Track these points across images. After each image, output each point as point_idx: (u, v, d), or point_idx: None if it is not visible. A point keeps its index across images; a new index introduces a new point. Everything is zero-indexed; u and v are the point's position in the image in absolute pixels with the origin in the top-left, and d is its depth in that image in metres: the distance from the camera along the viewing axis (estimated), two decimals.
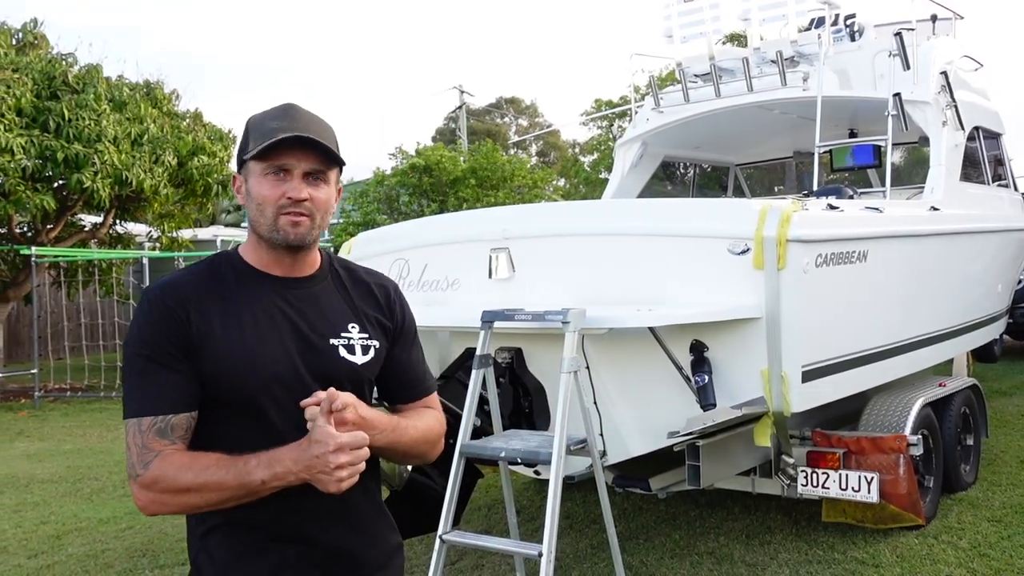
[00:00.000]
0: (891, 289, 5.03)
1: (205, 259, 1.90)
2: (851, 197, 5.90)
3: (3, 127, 11.32)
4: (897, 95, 5.87)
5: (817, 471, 4.73)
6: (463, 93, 34.67)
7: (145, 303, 1.77)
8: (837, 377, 4.40)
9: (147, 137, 12.79)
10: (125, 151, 12.31)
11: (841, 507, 4.94)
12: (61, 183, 12.62)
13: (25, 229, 13.89)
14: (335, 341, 1.84)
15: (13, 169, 11.39)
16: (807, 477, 4.74)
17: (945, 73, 6.37)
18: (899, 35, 6.12)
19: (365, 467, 1.88)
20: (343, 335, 1.86)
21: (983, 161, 7.10)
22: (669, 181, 8.76)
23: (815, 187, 6.11)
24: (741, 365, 4.05)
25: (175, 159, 13.07)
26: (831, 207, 4.57)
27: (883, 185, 6.50)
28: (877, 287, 4.80)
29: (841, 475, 4.68)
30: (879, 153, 6.31)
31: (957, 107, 6.41)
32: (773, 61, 6.62)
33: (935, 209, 5.66)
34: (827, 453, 4.77)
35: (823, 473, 4.72)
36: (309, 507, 1.79)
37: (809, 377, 4.13)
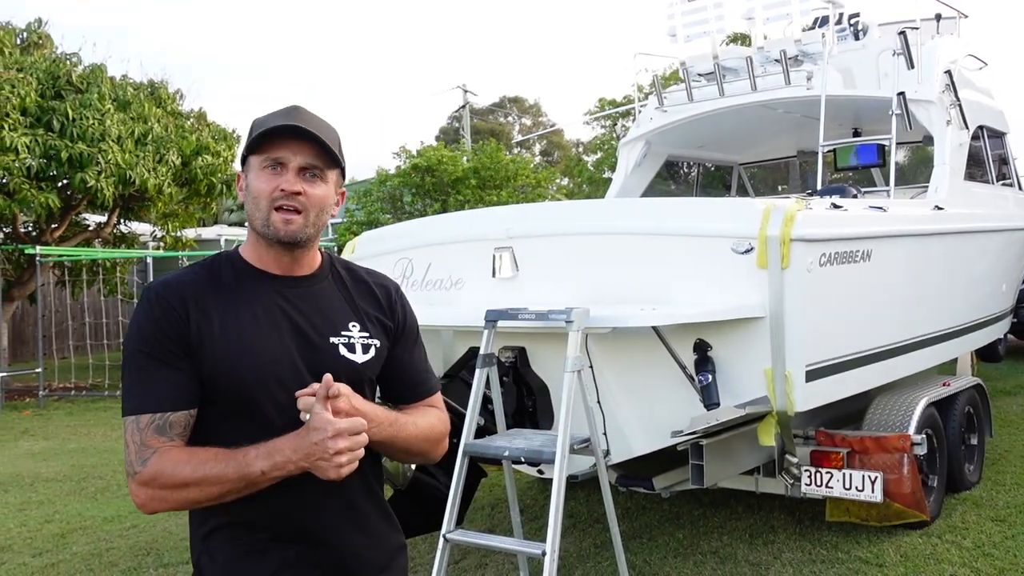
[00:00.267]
0: (895, 288, 5.02)
1: (205, 259, 1.89)
2: (855, 196, 5.89)
3: (8, 127, 11.35)
4: (901, 94, 5.86)
5: (821, 470, 4.73)
6: (467, 92, 34.68)
7: (145, 301, 1.76)
8: (841, 376, 4.39)
9: (151, 137, 12.81)
10: (129, 150, 12.33)
11: (845, 506, 4.94)
12: (65, 182, 12.65)
13: (29, 228, 13.93)
14: (335, 339, 1.84)
15: (18, 168, 11.41)
16: (811, 476, 4.74)
17: (949, 72, 6.36)
18: (903, 34, 6.11)
19: (367, 466, 1.88)
20: (343, 333, 1.85)
21: (987, 160, 7.09)
22: (673, 180, 8.75)
23: (819, 186, 6.11)
24: (745, 364, 4.05)
25: (179, 158, 13.09)
26: (835, 206, 4.57)
27: (887, 184, 6.49)
28: (881, 286, 4.80)
29: (845, 474, 4.67)
30: (883, 152, 6.30)
31: (961, 106, 6.40)
32: (777, 60, 6.61)
33: (939, 208, 5.65)
34: (831, 452, 4.76)
35: (827, 472, 4.71)
36: (311, 507, 1.78)
37: (813, 376, 4.13)
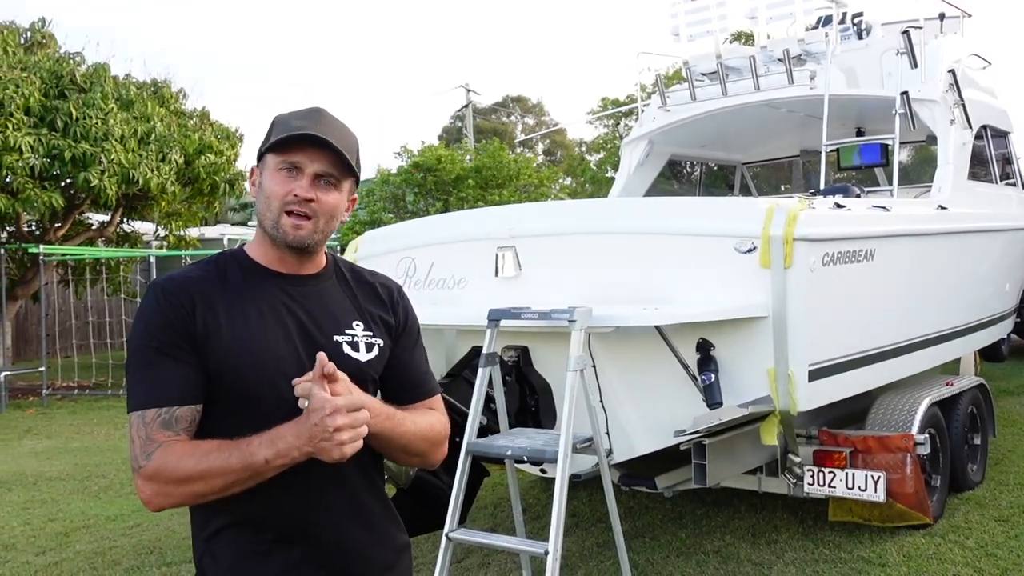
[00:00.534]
0: (898, 288, 5.02)
1: (210, 256, 1.89)
2: (858, 196, 5.88)
3: (11, 126, 11.36)
4: (904, 93, 5.85)
5: (824, 470, 4.72)
6: (469, 92, 34.69)
7: (151, 296, 1.76)
8: (844, 376, 4.39)
9: (154, 136, 12.82)
10: (132, 150, 12.35)
11: (848, 506, 4.94)
12: (69, 182, 12.67)
13: (33, 227, 13.95)
14: (339, 338, 1.84)
15: (21, 168, 11.43)
16: (813, 476, 4.73)
17: (953, 71, 6.36)
18: (907, 33, 6.11)
19: (370, 463, 1.87)
20: (347, 332, 1.86)
21: (991, 160, 7.08)
22: (675, 180, 8.75)
23: (822, 186, 6.10)
24: (747, 364, 4.05)
25: (182, 158, 13.10)
26: (838, 206, 4.56)
27: (890, 184, 6.48)
28: (884, 286, 4.79)
29: (848, 474, 4.67)
30: (886, 152, 6.29)
31: (965, 105, 6.39)
32: (780, 59, 6.61)
33: (943, 208, 5.65)
34: (834, 452, 4.76)
35: (830, 472, 4.71)
36: (315, 505, 1.78)
37: (816, 376, 4.13)
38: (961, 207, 5.94)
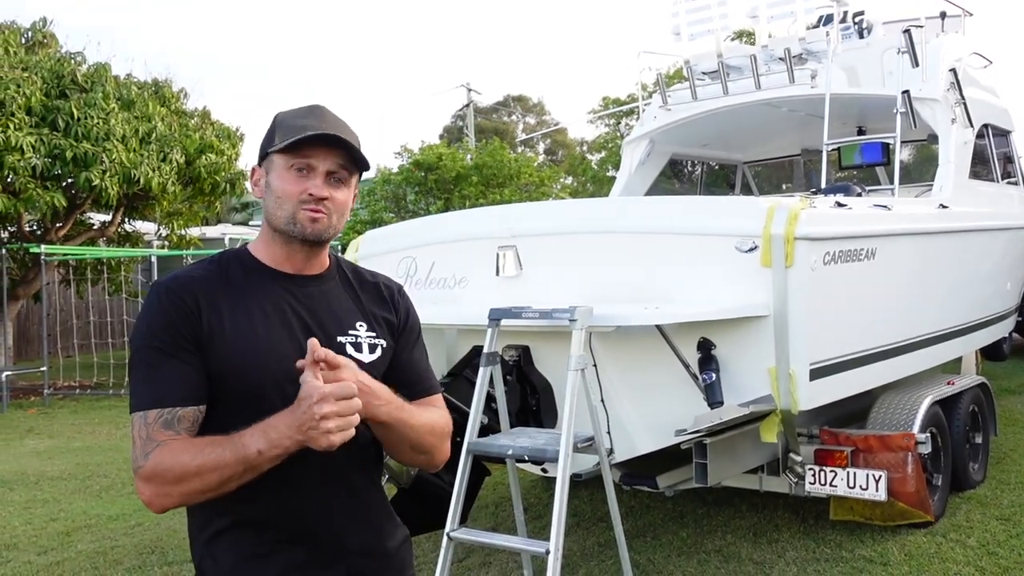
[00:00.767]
0: (899, 287, 5.02)
1: (212, 256, 1.89)
2: (859, 195, 5.88)
3: (13, 126, 11.37)
4: (906, 92, 5.85)
5: (825, 469, 4.72)
6: (470, 91, 34.71)
7: (154, 296, 1.76)
8: (845, 375, 4.39)
9: (155, 135, 12.82)
10: (133, 149, 12.35)
11: (849, 505, 4.94)
12: (70, 181, 12.67)
13: (34, 227, 13.95)
14: (343, 339, 1.84)
15: (23, 168, 11.43)
16: (815, 475, 4.73)
17: (954, 70, 6.35)
18: (908, 32, 6.10)
19: (371, 460, 1.87)
20: (351, 333, 1.85)
21: (992, 158, 7.08)
22: (677, 179, 8.75)
23: (823, 185, 6.10)
24: (749, 363, 4.05)
25: (183, 157, 13.10)
26: (839, 205, 4.56)
27: (892, 183, 6.48)
28: (885, 285, 4.79)
29: (849, 473, 4.67)
30: (888, 151, 6.29)
31: (966, 104, 6.38)
32: (781, 58, 6.60)
33: (944, 207, 5.64)
34: (835, 451, 4.76)
35: (831, 471, 4.71)
36: (316, 504, 1.77)
37: (817, 375, 4.13)
38: (962, 206, 5.94)
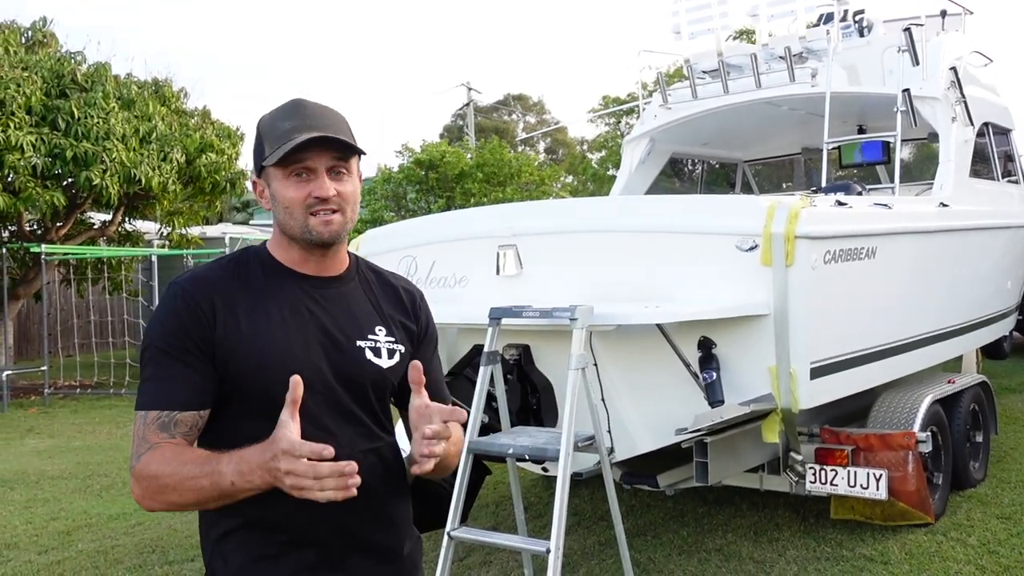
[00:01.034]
0: (900, 285, 5.01)
1: (232, 254, 1.86)
2: (860, 193, 5.88)
3: (13, 125, 11.37)
4: (906, 91, 5.84)
5: (825, 468, 4.72)
6: (471, 90, 34.71)
7: (171, 295, 1.73)
8: (845, 374, 4.39)
9: (155, 135, 12.83)
10: (133, 149, 12.35)
11: (850, 504, 4.94)
12: (70, 181, 12.67)
13: (35, 227, 13.96)
14: (362, 343, 1.81)
15: (23, 167, 11.44)
16: (815, 474, 4.73)
17: (955, 69, 6.35)
18: (908, 31, 6.09)
19: (388, 461, 1.83)
20: (370, 337, 1.82)
21: (993, 157, 7.07)
22: (677, 178, 8.74)
23: (823, 183, 6.09)
24: (749, 362, 4.05)
25: (183, 156, 13.11)
26: (839, 203, 4.56)
27: (892, 181, 6.48)
28: (886, 283, 4.79)
29: (850, 472, 4.67)
30: (888, 149, 6.29)
31: (967, 103, 6.38)
32: (781, 57, 6.59)
33: (944, 205, 5.64)
34: (836, 450, 4.76)
35: (831, 470, 4.71)
36: (328, 508, 1.64)
37: (817, 374, 4.13)
38: (963, 204, 5.93)
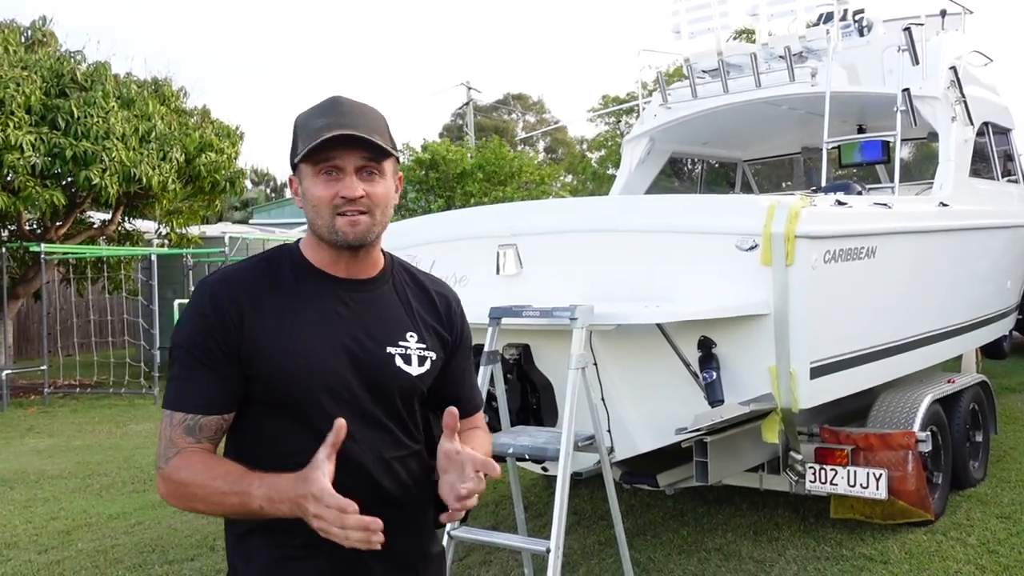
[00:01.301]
0: (900, 285, 5.02)
1: (264, 252, 1.83)
2: (859, 193, 5.89)
3: (12, 124, 11.37)
4: (906, 90, 5.84)
5: (825, 467, 4.73)
6: (470, 89, 34.71)
7: (199, 294, 1.72)
8: (845, 373, 4.39)
9: (155, 134, 12.82)
10: (133, 148, 12.35)
11: (849, 503, 4.94)
12: (70, 180, 12.66)
13: (34, 226, 13.95)
14: (392, 349, 1.77)
15: (22, 166, 11.43)
16: (815, 473, 4.74)
17: (954, 68, 6.35)
18: (908, 30, 6.09)
19: (415, 474, 1.79)
20: (401, 344, 1.79)
21: (993, 156, 7.07)
22: (676, 177, 8.74)
23: (823, 183, 6.09)
24: (749, 361, 4.05)
25: (183, 156, 13.10)
26: (839, 203, 4.56)
27: (892, 181, 6.48)
28: (886, 283, 4.79)
29: (849, 471, 4.67)
30: (888, 149, 6.29)
31: (966, 102, 6.38)
32: (781, 57, 6.60)
33: (944, 205, 5.64)
34: (835, 449, 4.76)
35: (831, 469, 4.71)
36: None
37: (817, 373, 4.13)
38: (962, 204, 5.94)
